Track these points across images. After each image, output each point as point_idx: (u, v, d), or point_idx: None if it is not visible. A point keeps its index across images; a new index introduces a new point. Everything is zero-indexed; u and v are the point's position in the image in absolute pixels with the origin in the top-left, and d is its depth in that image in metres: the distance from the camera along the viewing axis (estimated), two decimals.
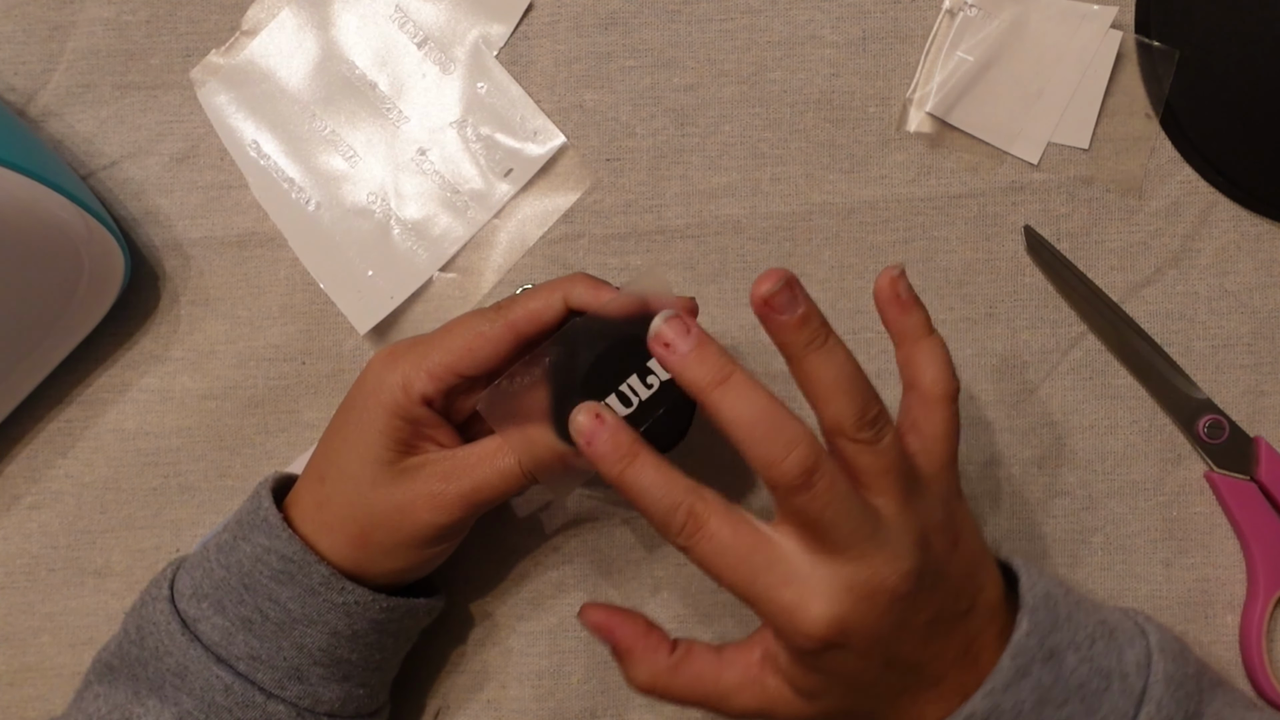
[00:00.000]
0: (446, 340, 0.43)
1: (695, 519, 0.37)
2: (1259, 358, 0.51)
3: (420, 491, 0.42)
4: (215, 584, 0.43)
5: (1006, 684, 0.38)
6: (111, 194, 0.53)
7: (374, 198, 0.52)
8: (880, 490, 0.38)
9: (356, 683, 0.44)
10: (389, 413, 0.43)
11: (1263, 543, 0.49)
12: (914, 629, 0.38)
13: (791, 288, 0.37)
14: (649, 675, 0.41)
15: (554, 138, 0.52)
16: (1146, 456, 0.51)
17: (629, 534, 0.51)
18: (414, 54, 0.53)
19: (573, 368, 0.41)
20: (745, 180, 0.52)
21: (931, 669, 0.39)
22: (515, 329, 0.43)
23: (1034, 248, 0.51)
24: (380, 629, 0.44)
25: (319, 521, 0.43)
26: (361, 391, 0.44)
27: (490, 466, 0.42)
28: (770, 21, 0.52)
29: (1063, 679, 0.38)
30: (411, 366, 0.43)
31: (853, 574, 0.37)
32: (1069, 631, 0.39)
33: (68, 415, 0.52)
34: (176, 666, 0.42)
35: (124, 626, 0.44)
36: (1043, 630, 0.39)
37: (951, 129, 0.51)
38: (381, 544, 0.43)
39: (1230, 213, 0.51)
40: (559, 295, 0.43)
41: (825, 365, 0.37)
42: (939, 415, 0.41)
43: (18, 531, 0.52)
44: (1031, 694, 0.38)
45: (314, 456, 0.45)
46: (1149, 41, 0.51)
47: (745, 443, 0.36)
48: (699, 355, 0.37)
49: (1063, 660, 0.39)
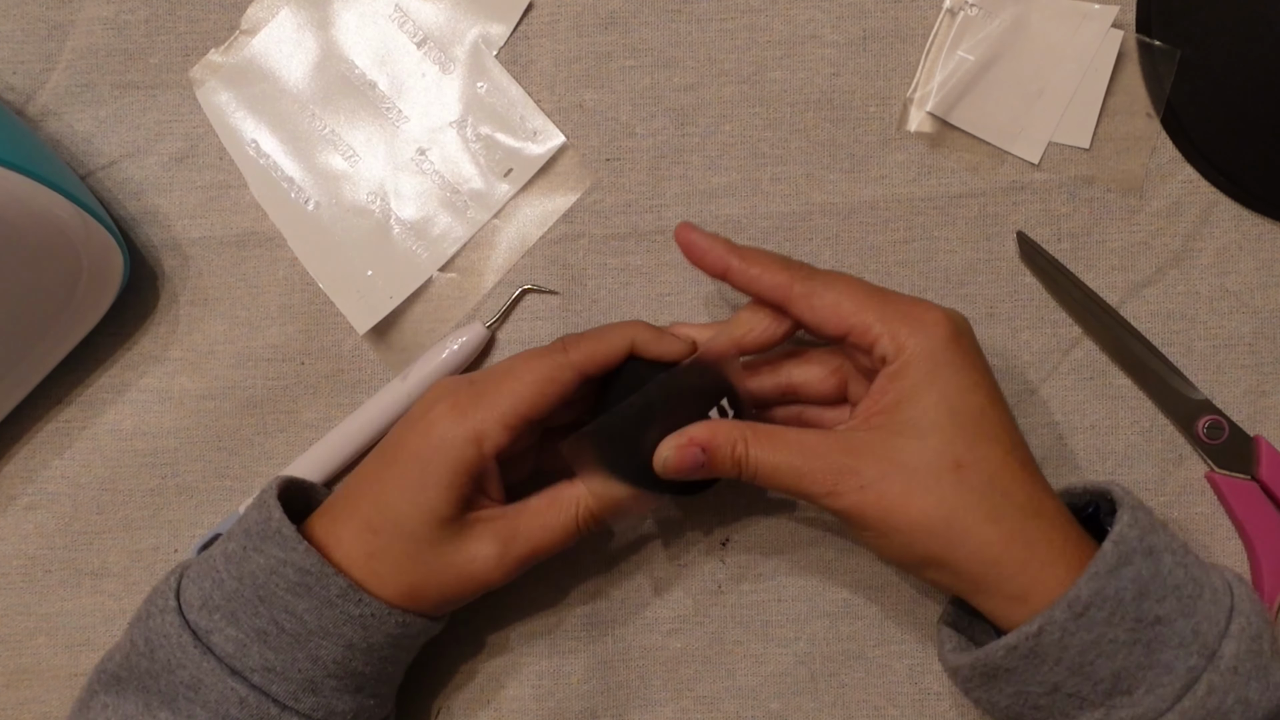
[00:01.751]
0: (516, 386, 0.43)
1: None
2: (1260, 357, 0.51)
3: (478, 555, 0.43)
4: (227, 595, 0.42)
5: (1111, 569, 0.39)
6: (110, 193, 0.53)
7: (373, 197, 0.52)
8: None
9: (368, 694, 0.44)
10: (458, 470, 0.42)
11: (1266, 542, 0.49)
12: (989, 381, 0.43)
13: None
14: (760, 460, 0.42)
15: (554, 138, 0.52)
16: (1147, 457, 0.51)
17: (629, 535, 0.51)
18: (414, 54, 0.53)
19: (647, 419, 0.43)
20: (745, 180, 0.52)
21: (1034, 485, 0.42)
22: (583, 373, 0.44)
23: (1027, 254, 0.51)
24: (394, 642, 0.44)
25: (369, 570, 0.43)
26: (425, 442, 0.43)
27: (549, 529, 0.44)
28: (770, 21, 0.52)
29: (1160, 576, 0.40)
30: (484, 419, 0.42)
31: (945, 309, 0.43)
32: (1164, 536, 0.41)
33: (66, 415, 0.52)
34: (190, 679, 0.41)
35: (130, 637, 0.43)
36: (1143, 526, 0.41)
37: (952, 129, 0.51)
38: (431, 598, 0.44)
39: (1231, 212, 0.51)
40: (626, 341, 0.44)
41: None
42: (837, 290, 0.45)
43: (14, 532, 0.52)
44: (1133, 584, 0.39)
45: (356, 498, 0.44)
46: (1150, 41, 0.51)
47: None
48: None
49: (1160, 559, 0.40)
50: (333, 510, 0.44)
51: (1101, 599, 0.39)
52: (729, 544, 0.51)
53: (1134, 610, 0.39)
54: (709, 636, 0.50)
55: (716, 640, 0.50)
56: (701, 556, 0.51)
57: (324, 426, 0.52)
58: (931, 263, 0.51)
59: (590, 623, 0.51)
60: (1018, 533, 0.40)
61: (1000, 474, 0.41)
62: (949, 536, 0.40)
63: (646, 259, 0.52)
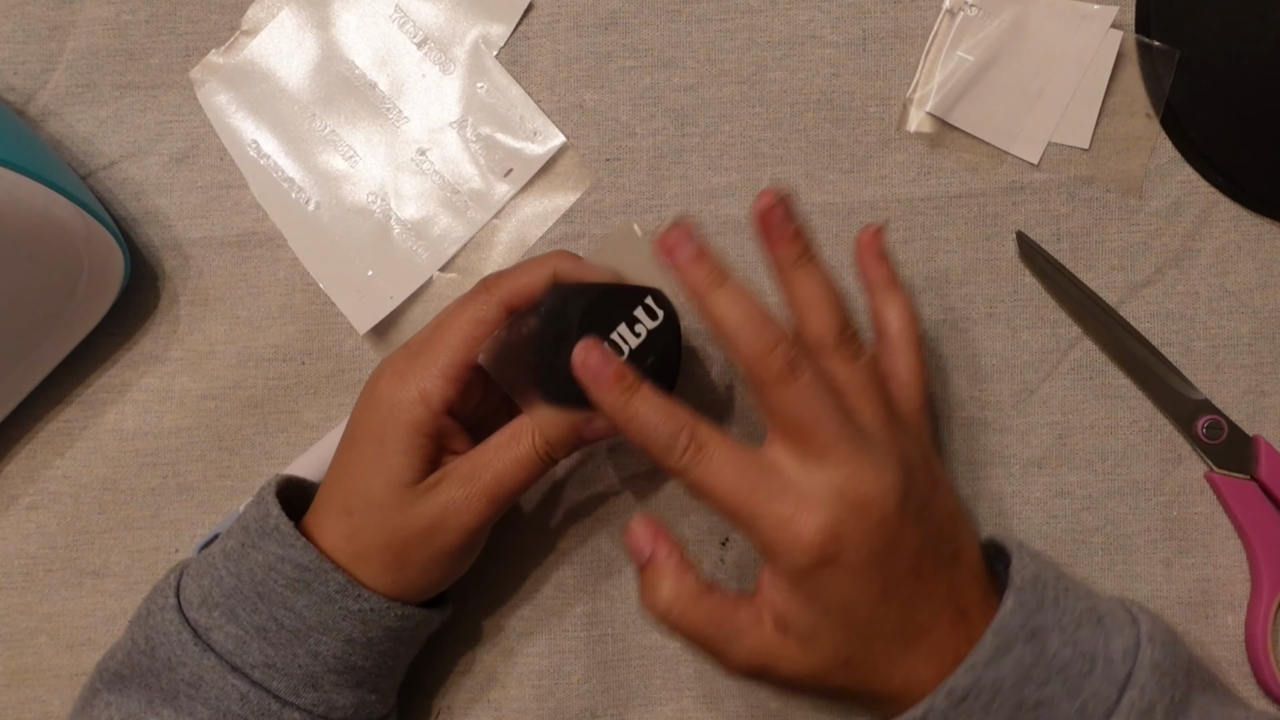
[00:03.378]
0: (447, 337, 0.43)
1: (697, 441, 0.40)
2: (1259, 357, 0.51)
3: (446, 501, 0.42)
4: (226, 592, 0.42)
5: (988, 659, 0.38)
6: (111, 194, 0.53)
7: (374, 197, 0.52)
8: (862, 406, 0.40)
9: (369, 689, 0.44)
10: (412, 432, 0.42)
11: (1265, 542, 0.49)
12: (904, 555, 0.39)
13: (786, 205, 0.41)
14: (672, 595, 0.40)
15: (554, 138, 0.52)
16: (1147, 456, 0.51)
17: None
18: (414, 54, 0.53)
19: (564, 320, 0.42)
20: (745, 180, 0.52)
21: (923, 614, 0.40)
22: (509, 307, 0.43)
23: (1027, 254, 0.51)
24: (394, 636, 0.44)
25: (352, 553, 0.43)
26: (375, 415, 0.43)
27: (507, 455, 0.43)
28: (770, 21, 0.52)
29: (1045, 658, 0.39)
30: (424, 377, 0.42)
31: (844, 479, 0.38)
32: (1055, 614, 0.40)
33: (66, 415, 0.52)
34: (190, 677, 0.41)
35: (130, 636, 0.43)
36: (1028, 609, 0.40)
37: (952, 129, 0.51)
38: (417, 562, 0.43)
39: (1230, 213, 0.51)
40: (547, 270, 0.44)
41: (811, 281, 0.41)
42: (908, 359, 0.44)
43: (15, 532, 0.52)
44: (1013, 671, 0.39)
45: (332, 485, 0.44)
46: (1149, 41, 0.51)
47: (735, 338, 0.39)
48: (699, 260, 0.40)
49: (1046, 640, 0.39)
50: (315, 505, 0.45)
51: (979, 688, 0.38)
52: (729, 543, 0.51)
53: (1014, 696, 0.38)
54: None
55: None
56: (701, 555, 0.51)
57: (324, 426, 0.52)
58: (931, 263, 0.52)
59: (590, 623, 0.51)
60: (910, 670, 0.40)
61: (887, 657, 0.40)
62: (848, 701, 0.41)
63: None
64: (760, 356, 0.39)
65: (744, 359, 0.39)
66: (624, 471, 0.51)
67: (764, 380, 0.39)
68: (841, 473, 0.39)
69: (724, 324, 0.39)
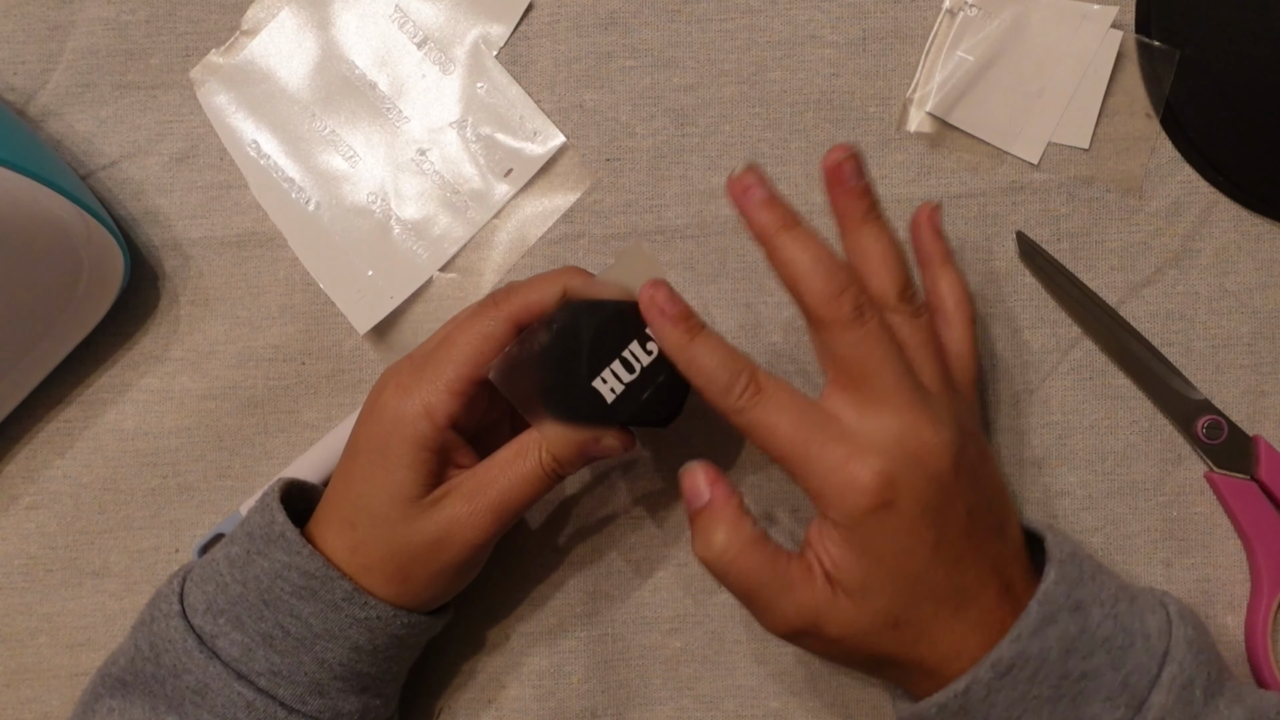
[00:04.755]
0: (453, 351, 0.42)
1: (756, 383, 0.40)
2: (1259, 358, 0.51)
3: (451, 517, 0.42)
4: (232, 599, 0.42)
5: (1034, 630, 0.39)
6: (111, 194, 0.53)
7: (374, 198, 0.52)
8: (922, 362, 0.41)
9: (373, 694, 0.45)
10: (416, 447, 0.42)
11: (1265, 542, 0.49)
12: (957, 514, 0.40)
13: (857, 161, 0.42)
14: (726, 540, 0.40)
15: (554, 138, 0.52)
16: (1147, 456, 0.51)
17: (630, 534, 0.51)
18: (414, 54, 0.53)
19: (575, 337, 0.42)
20: None
21: (972, 579, 0.40)
22: (517, 323, 0.43)
23: (1027, 253, 0.51)
24: (400, 643, 0.44)
25: (356, 565, 0.43)
26: (379, 428, 0.43)
27: (513, 472, 0.42)
28: (770, 21, 0.52)
29: (1088, 631, 0.39)
30: (429, 391, 0.42)
31: (901, 428, 0.39)
32: (1094, 588, 0.40)
33: (67, 415, 0.52)
34: (196, 684, 0.41)
35: (134, 642, 0.43)
36: (1070, 581, 0.40)
37: (951, 129, 0.51)
38: (421, 576, 0.43)
39: (1230, 213, 0.51)
40: (557, 286, 0.43)
41: (876, 238, 0.42)
42: (962, 333, 0.45)
43: (15, 532, 0.52)
44: (1058, 643, 0.39)
45: (336, 496, 0.44)
46: (1149, 41, 0.51)
47: (803, 281, 0.39)
48: (769, 204, 0.40)
49: (1088, 613, 0.39)
50: (319, 515, 0.45)
51: (1024, 659, 0.38)
52: None
53: (1059, 668, 0.39)
54: (709, 636, 0.50)
55: (716, 640, 0.50)
56: None
57: (324, 426, 0.52)
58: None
59: (590, 623, 0.51)
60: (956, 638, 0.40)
61: (935, 625, 0.40)
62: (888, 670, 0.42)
63: None
64: (828, 300, 0.39)
65: (811, 301, 0.39)
66: (623, 471, 0.51)
67: (830, 323, 0.39)
68: (900, 421, 0.39)
69: (793, 266, 0.39)
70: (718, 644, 0.50)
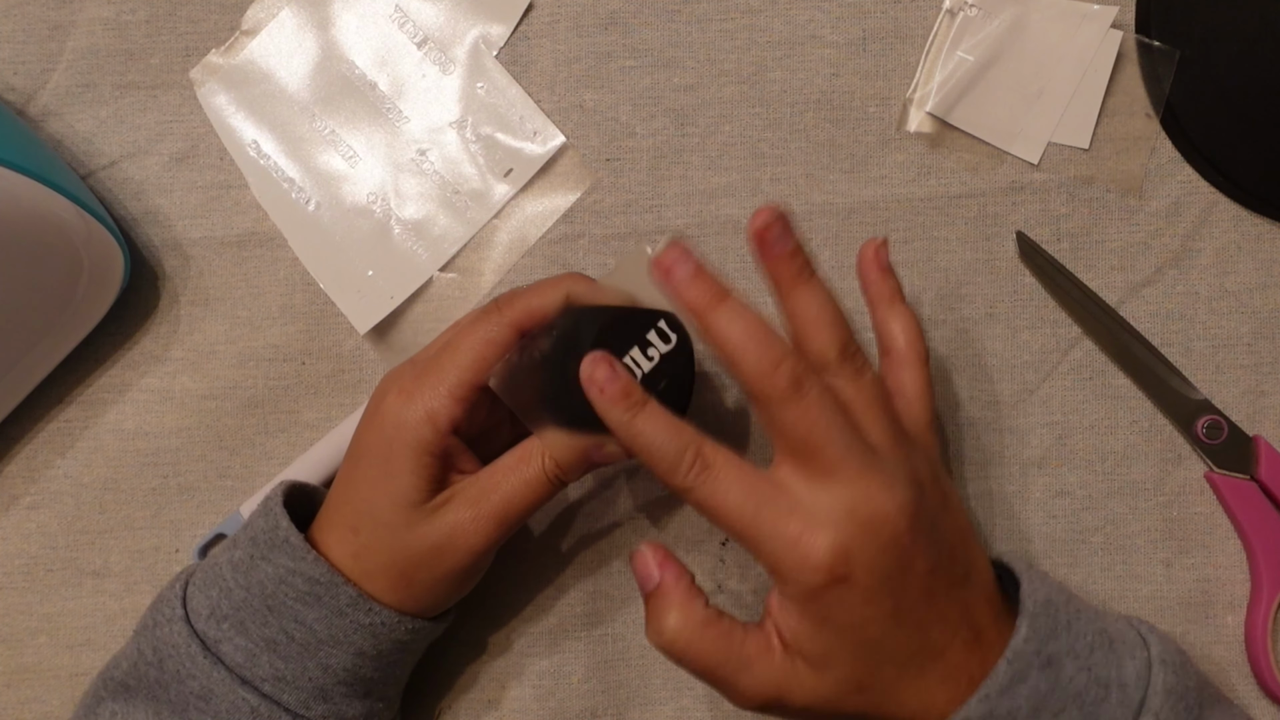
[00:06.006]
0: (456, 357, 0.42)
1: (703, 459, 0.39)
2: (1259, 358, 0.51)
3: (454, 522, 0.42)
4: (235, 605, 0.42)
5: (1002, 689, 0.38)
6: (111, 194, 0.53)
7: (374, 198, 0.52)
8: (869, 423, 0.40)
9: (376, 697, 0.45)
10: (418, 452, 0.42)
11: (1265, 542, 0.49)
12: (916, 575, 0.38)
13: (784, 222, 0.40)
14: (679, 624, 0.40)
15: (554, 138, 0.52)
16: (1147, 456, 0.51)
17: (629, 535, 0.51)
18: (414, 54, 0.53)
19: (577, 343, 0.41)
20: (745, 180, 0.52)
21: (937, 635, 0.39)
22: (520, 328, 0.43)
23: (1027, 253, 0.51)
24: (403, 648, 0.44)
25: (359, 571, 0.43)
26: (381, 434, 0.42)
27: (516, 478, 0.42)
28: (770, 21, 0.52)
29: (1060, 686, 0.38)
30: (431, 396, 0.42)
31: (852, 498, 0.38)
32: (1068, 639, 0.39)
33: (67, 415, 0.52)
34: (200, 689, 0.41)
35: (137, 646, 0.43)
36: (1041, 636, 0.39)
37: (951, 129, 0.51)
38: (424, 582, 0.43)
39: (1230, 213, 0.51)
40: (560, 292, 0.43)
41: (811, 299, 0.40)
42: (915, 375, 0.43)
43: (16, 532, 0.52)
44: (1027, 700, 0.38)
45: (338, 502, 0.44)
46: (1149, 41, 0.51)
47: (738, 357, 0.38)
48: (697, 278, 0.39)
49: (1060, 668, 0.39)
50: (321, 520, 0.44)
51: (994, 719, 0.38)
52: (729, 543, 0.51)
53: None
54: None
55: None
56: (701, 556, 0.51)
57: (325, 426, 0.52)
58: (931, 263, 0.52)
59: (590, 623, 0.51)
60: (924, 693, 0.39)
61: (905, 673, 0.39)
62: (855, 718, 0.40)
63: None
64: (764, 375, 0.38)
65: (747, 378, 0.38)
66: (624, 473, 0.51)
67: (769, 399, 0.38)
68: (851, 491, 0.38)
69: (726, 343, 0.38)
70: None
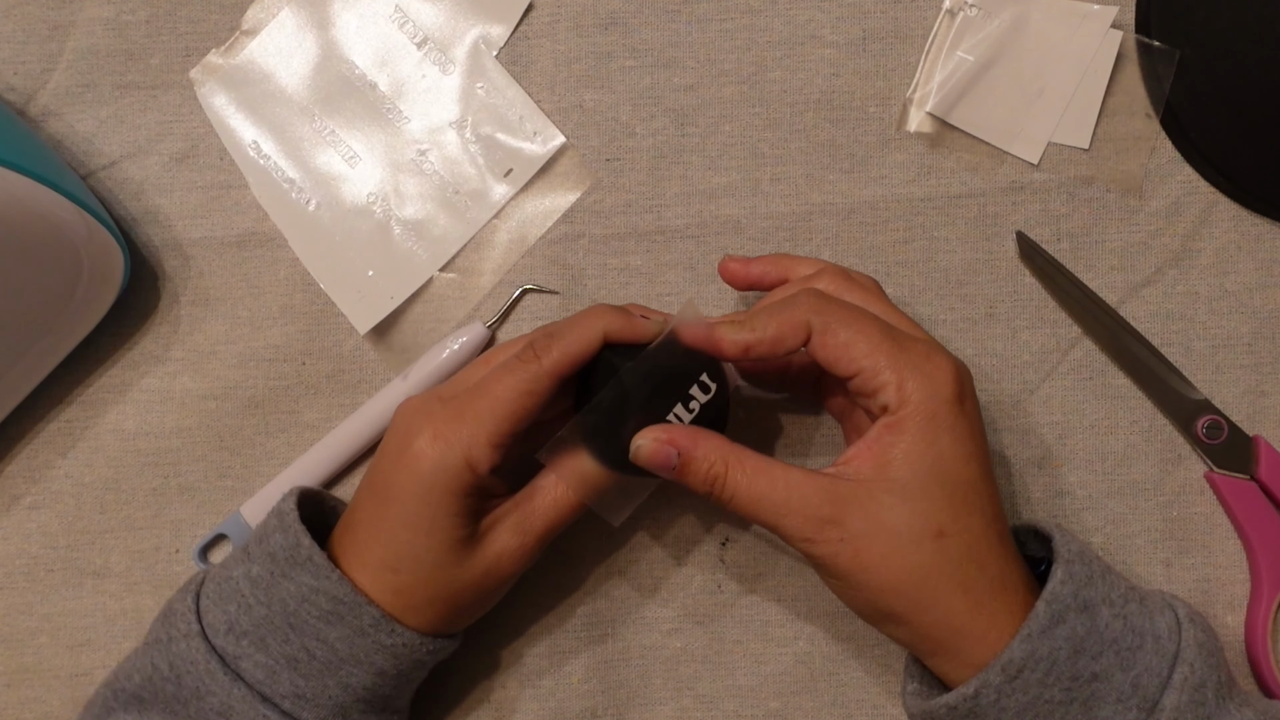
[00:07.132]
0: (496, 406, 0.42)
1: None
2: (1259, 358, 0.51)
3: (500, 550, 0.43)
4: (255, 621, 0.42)
5: (1043, 629, 0.39)
6: (111, 194, 0.53)
7: (374, 198, 0.52)
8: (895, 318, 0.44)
9: (391, 711, 0.45)
10: (459, 496, 0.42)
11: (1265, 542, 0.49)
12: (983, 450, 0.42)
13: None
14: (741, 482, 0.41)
15: (554, 138, 0.52)
16: (1147, 456, 0.51)
17: (629, 535, 0.51)
18: (414, 54, 0.53)
19: (624, 407, 0.42)
20: (745, 180, 0.52)
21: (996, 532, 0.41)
22: (558, 378, 0.43)
23: (1027, 253, 0.51)
24: (422, 666, 0.44)
25: (401, 605, 0.43)
26: (415, 477, 0.42)
27: (558, 504, 0.44)
28: (770, 21, 0.52)
29: (1097, 631, 0.39)
30: (471, 444, 0.42)
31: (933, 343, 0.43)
32: (1103, 588, 0.40)
33: (68, 415, 0.52)
34: (220, 706, 0.41)
35: (150, 660, 0.43)
36: (1078, 581, 0.40)
37: (951, 129, 0.51)
38: (469, 606, 0.44)
39: (1230, 213, 0.51)
40: (597, 331, 0.43)
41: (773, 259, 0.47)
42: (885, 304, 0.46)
43: (17, 532, 0.52)
44: (1067, 642, 0.39)
45: (368, 540, 0.43)
46: (1149, 41, 0.51)
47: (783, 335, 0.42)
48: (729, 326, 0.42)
49: (1097, 613, 0.39)
50: (344, 547, 0.44)
51: (1035, 660, 0.38)
52: (729, 544, 0.51)
53: (1069, 669, 0.39)
54: (709, 636, 0.51)
55: (716, 640, 0.51)
56: (701, 556, 0.51)
57: (325, 426, 0.52)
58: (931, 263, 0.52)
59: (590, 623, 0.51)
60: (984, 604, 0.40)
61: (978, 546, 0.40)
62: (918, 600, 0.40)
63: (646, 259, 0.52)
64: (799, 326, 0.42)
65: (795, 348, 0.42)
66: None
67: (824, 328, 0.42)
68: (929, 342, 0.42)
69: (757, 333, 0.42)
70: (718, 644, 0.51)
